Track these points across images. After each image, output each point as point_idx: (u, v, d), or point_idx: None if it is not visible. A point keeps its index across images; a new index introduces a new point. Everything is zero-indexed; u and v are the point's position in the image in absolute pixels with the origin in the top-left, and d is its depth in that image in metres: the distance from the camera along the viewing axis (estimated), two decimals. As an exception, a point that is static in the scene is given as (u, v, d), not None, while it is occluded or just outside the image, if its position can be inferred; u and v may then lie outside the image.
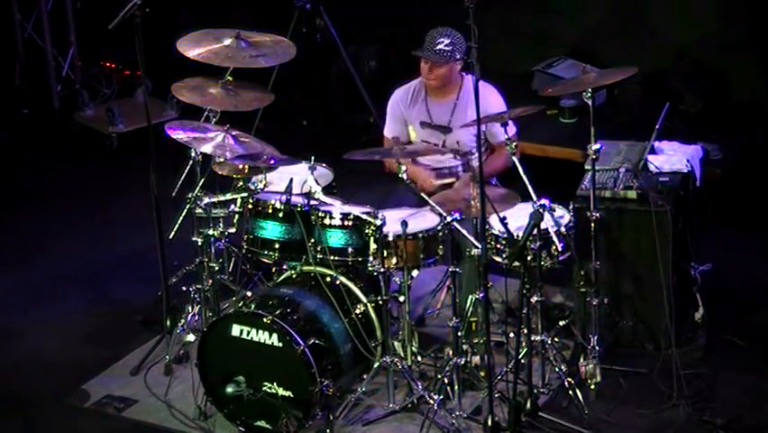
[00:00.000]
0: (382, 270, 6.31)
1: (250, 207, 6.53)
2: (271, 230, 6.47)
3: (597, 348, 6.50)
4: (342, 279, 6.41)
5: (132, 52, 7.00)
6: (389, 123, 7.17)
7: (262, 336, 6.13)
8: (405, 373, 6.37)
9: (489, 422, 6.05)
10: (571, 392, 6.38)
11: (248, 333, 6.16)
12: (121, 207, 8.75)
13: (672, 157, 7.00)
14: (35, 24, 10.29)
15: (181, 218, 6.85)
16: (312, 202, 6.39)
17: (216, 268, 6.79)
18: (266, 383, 6.17)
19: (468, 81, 6.97)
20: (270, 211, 6.46)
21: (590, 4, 9.22)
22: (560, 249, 6.40)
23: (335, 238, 6.37)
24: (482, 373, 6.41)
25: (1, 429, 6.57)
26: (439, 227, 6.36)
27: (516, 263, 6.21)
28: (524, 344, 6.33)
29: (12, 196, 9.14)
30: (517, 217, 6.33)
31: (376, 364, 6.37)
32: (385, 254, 6.30)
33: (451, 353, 6.34)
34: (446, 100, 7.02)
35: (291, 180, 6.43)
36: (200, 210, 6.67)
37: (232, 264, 7.14)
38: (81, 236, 8.48)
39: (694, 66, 8.88)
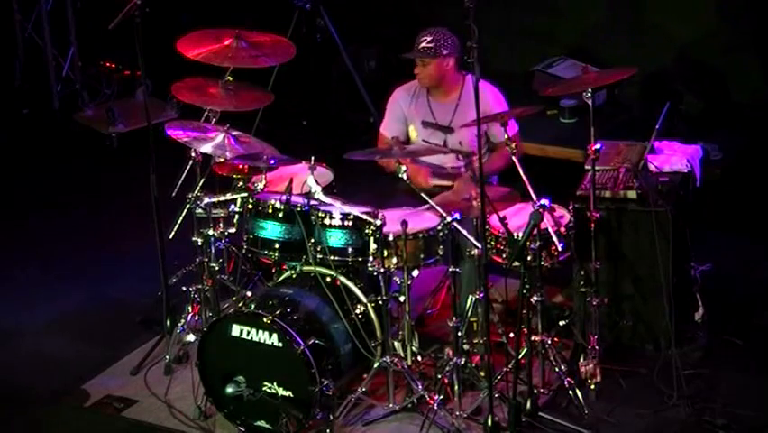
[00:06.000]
0: (382, 270, 6.31)
1: (250, 207, 6.53)
2: (271, 230, 6.47)
3: (597, 348, 6.51)
4: (342, 279, 6.41)
5: (132, 52, 7.00)
6: (389, 121, 7.15)
7: (262, 336, 6.13)
8: (405, 373, 6.37)
9: (489, 422, 6.06)
10: (571, 392, 6.37)
11: (248, 333, 6.16)
12: (121, 207, 8.75)
13: (672, 157, 7.00)
14: (35, 24, 10.29)
15: (181, 218, 6.84)
16: (312, 202, 6.39)
17: (216, 268, 6.78)
18: (266, 383, 6.17)
19: (469, 81, 6.97)
20: (270, 211, 6.46)
21: (590, 4, 9.21)
22: (560, 249, 6.40)
23: (335, 238, 6.37)
24: (482, 373, 6.42)
25: (1, 429, 6.56)
26: (439, 227, 6.36)
27: (516, 263, 6.21)
28: (524, 344, 6.33)
29: (11, 196, 9.14)
30: (518, 217, 6.33)
31: (376, 364, 6.36)
32: (385, 254, 6.30)
33: (451, 353, 6.34)
34: (448, 100, 7.02)
35: (291, 180, 6.43)
36: (200, 210, 6.66)
37: (232, 264, 7.14)
38: (81, 236, 8.47)
39: (694, 66, 8.88)
